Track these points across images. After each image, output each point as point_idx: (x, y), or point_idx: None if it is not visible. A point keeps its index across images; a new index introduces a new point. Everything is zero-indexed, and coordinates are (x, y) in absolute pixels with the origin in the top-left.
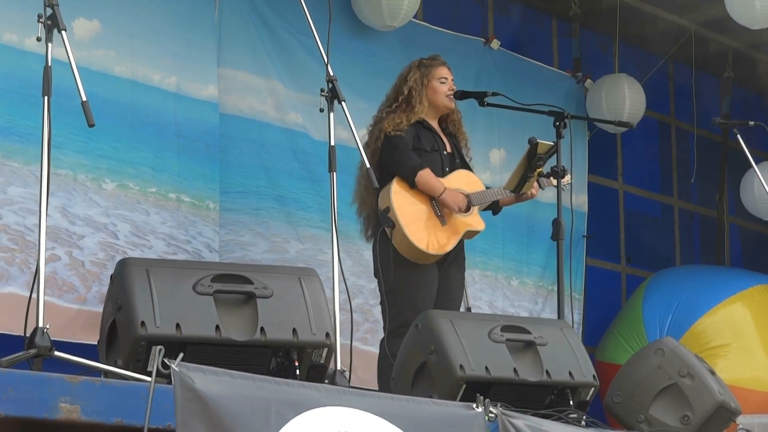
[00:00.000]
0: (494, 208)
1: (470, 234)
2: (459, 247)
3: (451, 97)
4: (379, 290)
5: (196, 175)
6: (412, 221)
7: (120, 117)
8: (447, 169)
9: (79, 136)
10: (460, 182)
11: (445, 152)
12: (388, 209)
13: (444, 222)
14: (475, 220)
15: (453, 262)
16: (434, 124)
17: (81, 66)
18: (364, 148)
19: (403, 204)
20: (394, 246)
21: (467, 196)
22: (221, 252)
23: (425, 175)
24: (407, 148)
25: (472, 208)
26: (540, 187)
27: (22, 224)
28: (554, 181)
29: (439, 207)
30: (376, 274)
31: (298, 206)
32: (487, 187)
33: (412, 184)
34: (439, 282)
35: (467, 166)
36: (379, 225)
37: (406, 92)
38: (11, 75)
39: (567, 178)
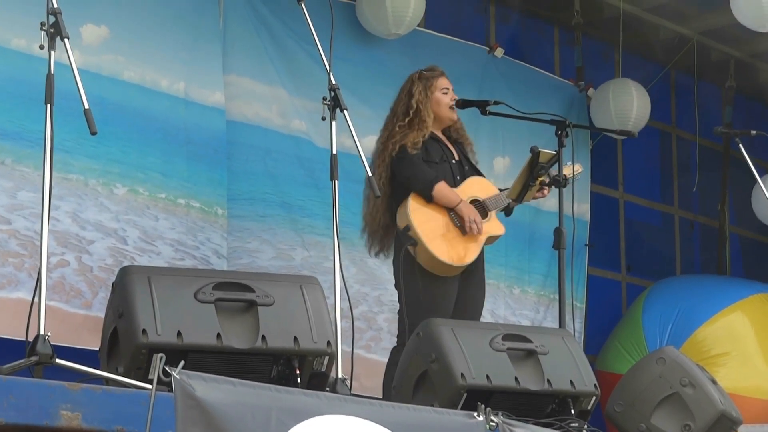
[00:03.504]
0: (506, 209)
1: (492, 239)
2: (479, 258)
3: (454, 107)
4: (399, 302)
5: (205, 180)
6: (433, 236)
7: (129, 122)
8: (458, 177)
9: (89, 141)
10: (473, 190)
11: (453, 161)
12: (408, 227)
13: (464, 232)
14: (494, 226)
15: (473, 274)
16: (440, 134)
17: (90, 71)
18: (374, 161)
19: (423, 220)
20: (418, 264)
21: (483, 203)
22: (229, 259)
23: (441, 189)
24: (420, 163)
25: (489, 213)
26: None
27: (32, 229)
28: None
29: (458, 218)
30: (397, 287)
31: (303, 213)
32: (501, 189)
33: (429, 198)
34: (461, 288)
35: (477, 172)
36: (398, 243)
37: (415, 106)
38: (21, 80)
39: (577, 167)
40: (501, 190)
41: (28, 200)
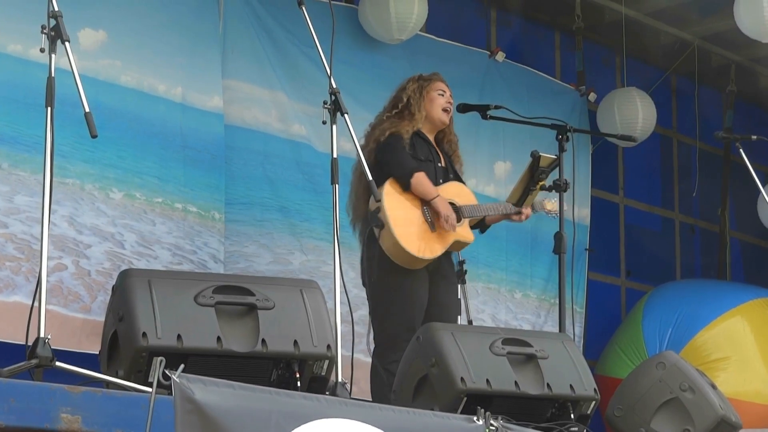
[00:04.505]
0: (481, 226)
1: (458, 245)
2: (449, 262)
3: (448, 110)
4: (368, 299)
5: (202, 185)
6: (401, 223)
7: (126, 127)
8: (441, 180)
9: (86, 146)
10: (452, 193)
11: (439, 164)
12: (378, 209)
13: (433, 228)
14: (464, 232)
15: (443, 276)
16: (430, 136)
17: (87, 75)
18: (361, 152)
19: (394, 206)
20: (382, 250)
21: (459, 207)
22: (226, 263)
23: (420, 178)
24: (405, 151)
25: (462, 219)
26: (534, 209)
27: (29, 233)
28: (549, 206)
29: (430, 213)
30: (364, 283)
31: (302, 218)
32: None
33: (406, 186)
34: (432, 295)
35: (461, 181)
36: (367, 230)
37: (405, 99)
38: (17, 85)
39: (553, 206)
40: (476, 200)
41: (24, 204)
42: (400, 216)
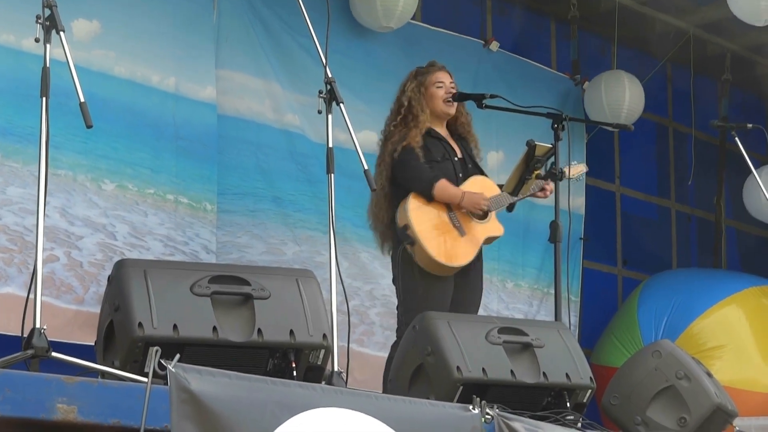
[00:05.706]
0: (509, 206)
1: (490, 240)
2: (477, 259)
3: (449, 100)
4: (398, 296)
5: (194, 176)
6: (431, 236)
7: (119, 117)
8: (460, 175)
9: (78, 137)
10: (475, 189)
11: (456, 158)
12: (406, 227)
13: (462, 233)
14: (493, 227)
15: (470, 275)
16: (442, 131)
17: (80, 66)
18: (376, 163)
19: (422, 220)
20: (416, 262)
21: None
22: (218, 253)
23: (442, 186)
24: (419, 163)
25: (489, 214)
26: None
27: (21, 225)
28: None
29: (457, 218)
30: (395, 282)
31: (295, 208)
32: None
33: (429, 197)
34: (458, 286)
35: (480, 170)
36: (397, 241)
37: (406, 103)
38: (9, 76)
39: (581, 167)
40: (498, 189)
41: (17, 196)
42: (428, 229)
